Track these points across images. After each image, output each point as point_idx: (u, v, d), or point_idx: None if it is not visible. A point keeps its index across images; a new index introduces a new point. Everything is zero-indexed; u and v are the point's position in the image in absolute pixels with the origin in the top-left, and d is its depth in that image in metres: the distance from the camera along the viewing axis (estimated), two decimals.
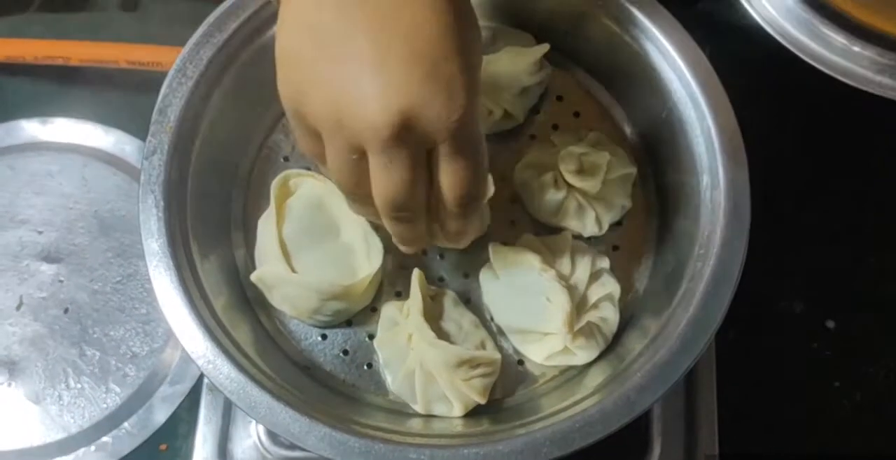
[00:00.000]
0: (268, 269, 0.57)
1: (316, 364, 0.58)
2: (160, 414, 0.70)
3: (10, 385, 0.71)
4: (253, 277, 0.57)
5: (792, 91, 0.80)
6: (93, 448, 0.69)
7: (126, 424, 0.70)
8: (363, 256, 0.57)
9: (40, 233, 0.75)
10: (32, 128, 0.79)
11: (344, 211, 0.58)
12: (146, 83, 0.73)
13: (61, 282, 0.73)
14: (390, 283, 0.60)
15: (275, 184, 0.58)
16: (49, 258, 0.74)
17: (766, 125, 0.71)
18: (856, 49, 0.64)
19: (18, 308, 0.73)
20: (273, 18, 0.59)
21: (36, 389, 0.71)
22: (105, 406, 0.70)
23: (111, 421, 0.70)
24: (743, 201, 0.53)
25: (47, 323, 0.72)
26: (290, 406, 0.50)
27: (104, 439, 0.69)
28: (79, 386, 0.70)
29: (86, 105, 0.80)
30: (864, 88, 0.65)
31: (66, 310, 0.72)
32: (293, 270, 0.56)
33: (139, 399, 0.70)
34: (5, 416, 0.70)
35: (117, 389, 0.70)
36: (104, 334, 0.71)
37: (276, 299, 0.57)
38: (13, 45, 0.78)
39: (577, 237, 0.59)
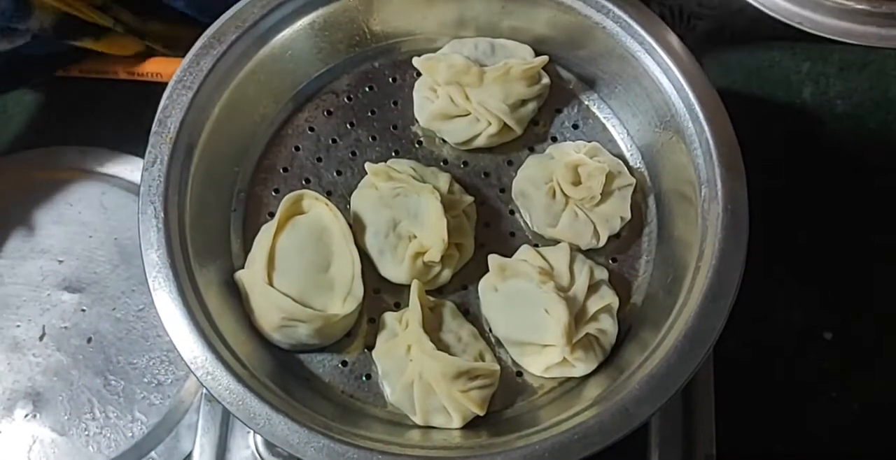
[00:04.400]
0: (246, 272, 0.57)
1: (315, 375, 0.58)
2: (187, 442, 0.69)
3: (35, 416, 0.70)
4: (235, 275, 0.58)
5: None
6: None
7: (153, 453, 0.69)
8: (340, 297, 0.56)
9: (61, 262, 0.74)
10: (50, 157, 0.79)
11: (340, 248, 0.57)
12: None
13: (83, 311, 0.73)
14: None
15: (288, 198, 0.58)
16: (70, 287, 0.73)
17: (763, 134, 0.72)
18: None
19: (41, 338, 0.72)
20: (273, 30, 0.60)
21: (61, 420, 0.70)
22: (131, 435, 0.69)
23: (138, 451, 0.69)
24: (741, 213, 0.53)
25: (70, 353, 0.72)
26: (289, 417, 0.50)
27: None
28: (104, 415, 0.70)
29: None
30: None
31: (89, 340, 0.72)
32: (270, 281, 0.56)
33: (165, 427, 0.70)
34: (32, 448, 0.70)
35: (143, 418, 0.70)
36: (128, 363, 0.71)
37: (249, 305, 0.57)
38: None
39: (576, 249, 0.59)
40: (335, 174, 0.62)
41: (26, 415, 0.71)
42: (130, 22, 0.74)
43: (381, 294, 0.60)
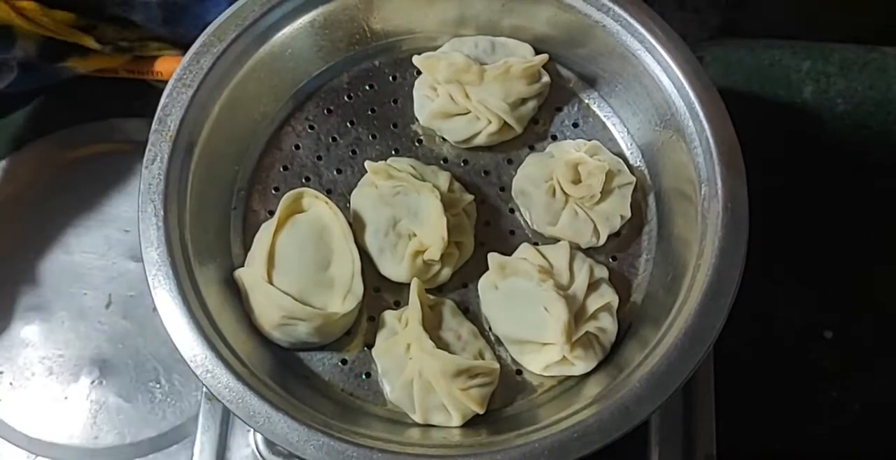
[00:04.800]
0: (246, 270, 0.57)
1: (314, 373, 0.58)
2: None
3: (101, 383, 0.72)
4: (235, 274, 0.58)
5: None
6: (186, 444, 0.69)
7: None
8: (340, 295, 0.56)
9: (127, 231, 0.76)
10: (117, 127, 0.80)
11: (340, 247, 0.57)
12: None
13: None
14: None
15: (287, 197, 0.58)
16: (136, 256, 0.74)
17: (763, 133, 0.72)
18: None
19: (108, 306, 0.74)
20: (273, 28, 0.60)
21: (127, 387, 0.72)
22: (196, 402, 0.70)
23: None
24: (741, 212, 0.53)
25: (137, 320, 0.74)
26: (289, 415, 0.50)
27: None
28: (169, 383, 0.72)
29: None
30: None
31: (155, 308, 0.73)
32: (270, 280, 0.56)
33: None
34: (97, 414, 0.72)
35: None
36: None
37: (249, 303, 0.57)
38: None
39: (576, 247, 0.59)
40: (335, 172, 0.62)
41: (93, 382, 0.73)
42: (117, 37, 0.74)
43: (380, 292, 0.60)
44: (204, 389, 0.66)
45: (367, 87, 0.64)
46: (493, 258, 0.58)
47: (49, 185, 0.79)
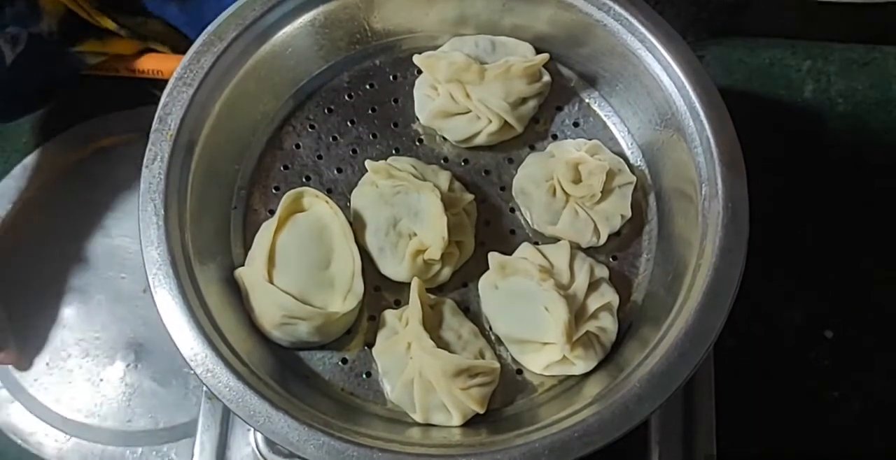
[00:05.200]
0: (247, 270, 0.57)
1: (315, 372, 0.58)
2: None
3: (136, 367, 0.73)
4: (235, 273, 0.58)
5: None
6: None
7: None
8: (340, 295, 0.57)
9: None
10: (148, 115, 0.80)
11: (340, 246, 0.57)
12: None
13: None
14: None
15: (288, 196, 0.58)
16: None
17: (763, 133, 0.71)
18: None
19: (145, 290, 0.74)
20: (274, 27, 0.60)
21: (162, 371, 0.73)
22: None
23: None
24: (742, 212, 0.53)
25: None
26: (289, 414, 0.50)
27: None
28: None
29: None
30: None
31: None
32: (271, 279, 0.56)
33: None
34: (132, 398, 0.73)
35: None
36: None
37: (250, 303, 0.57)
38: None
39: (576, 247, 0.59)
40: (335, 172, 0.62)
41: (128, 365, 0.74)
42: (130, 25, 0.75)
43: (381, 291, 0.60)
44: (204, 388, 0.66)
45: (368, 87, 0.64)
46: (494, 257, 0.58)
47: (87, 170, 0.80)
